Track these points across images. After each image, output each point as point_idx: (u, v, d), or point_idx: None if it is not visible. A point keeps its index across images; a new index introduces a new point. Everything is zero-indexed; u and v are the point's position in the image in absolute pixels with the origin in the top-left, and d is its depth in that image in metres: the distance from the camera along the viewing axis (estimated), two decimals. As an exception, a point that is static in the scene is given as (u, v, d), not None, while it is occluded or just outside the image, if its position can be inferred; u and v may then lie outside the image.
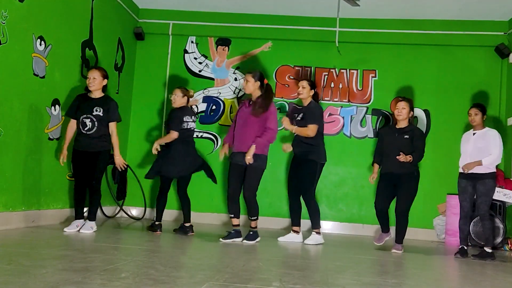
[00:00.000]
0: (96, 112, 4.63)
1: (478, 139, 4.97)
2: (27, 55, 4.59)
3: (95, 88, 4.69)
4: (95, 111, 4.63)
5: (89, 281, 2.49)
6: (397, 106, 5.04)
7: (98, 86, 4.70)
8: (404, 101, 5.05)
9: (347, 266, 3.82)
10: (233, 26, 7.02)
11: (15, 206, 4.53)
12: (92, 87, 4.68)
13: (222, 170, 6.79)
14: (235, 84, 7.03)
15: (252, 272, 3.17)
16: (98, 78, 4.68)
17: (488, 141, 4.92)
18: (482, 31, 6.63)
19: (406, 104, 5.01)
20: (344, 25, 6.78)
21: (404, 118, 5.00)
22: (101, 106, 4.66)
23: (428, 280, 3.53)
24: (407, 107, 5.00)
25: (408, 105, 5.03)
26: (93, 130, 4.62)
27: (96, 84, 4.68)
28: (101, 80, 4.71)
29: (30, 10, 4.57)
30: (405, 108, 4.98)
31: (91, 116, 4.62)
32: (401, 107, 4.99)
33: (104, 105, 4.68)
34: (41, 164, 4.91)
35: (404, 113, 4.98)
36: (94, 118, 4.62)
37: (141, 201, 6.63)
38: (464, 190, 4.98)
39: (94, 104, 4.66)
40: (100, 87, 4.73)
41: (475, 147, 4.95)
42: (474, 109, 5.03)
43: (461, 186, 5.03)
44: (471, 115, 5.03)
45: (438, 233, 6.45)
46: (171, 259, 3.46)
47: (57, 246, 3.66)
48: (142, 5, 7.08)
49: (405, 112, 4.98)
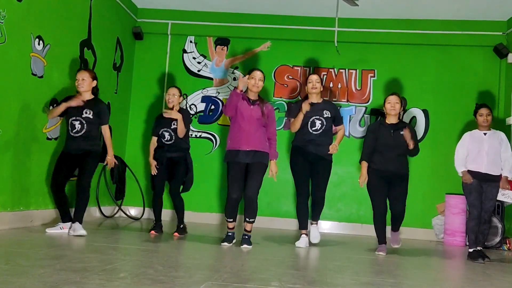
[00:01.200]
0: (86, 115, 4.54)
1: (491, 139, 4.80)
2: (26, 55, 4.58)
3: (84, 90, 4.59)
4: (84, 113, 4.54)
5: (88, 281, 2.49)
6: (389, 100, 4.87)
7: (87, 87, 4.61)
8: (395, 95, 4.93)
9: (346, 265, 3.82)
10: (232, 25, 7.01)
11: (13, 206, 4.52)
12: (81, 88, 4.58)
13: (221, 169, 6.79)
14: (234, 84, 7.02)
15: (251, 271, 3.16)
16: (87, 79, 4.60)
17: (501, 143, 4.80)
18: (481, 31, 6.63)
19: (398, 98, 4.90)
20: (343, 25, 6.78)
21: (396, 113, 4.88)
22: (91, 109, 4.57)
23: (426, 280, 3.53)
24: (399, 102, 4.89)
25: (400, 100, 4.91)
26: (82, 132, 4.52)
27: (86, 85, 4.59)
28: (90, 81, 4.63)
29: (29, 9, 4.56)
30: (397, 102, 4.86)
31: (80, 118, 4.53)
32: (394, 102, 4.85)
33: (94, 107, 4.59)
34: (39, 164, 4.90)
35: (397, 108, 4.86)
36: (83, 120, 4.52)
37: (140, 201, 6.63)
38: (476, 190, 4.74)
39: (85, 106, 4.55)
40: (90, 88, 4.64)
41: (492, 146, 4.76)
42: (487, 110, 4.85)
43: (472, 185, 4.74)
44: (483, 115, 4.83)
45: (437, 232, 6.45)
46: (169, 259, 3.45)
47: (56, 246, 3.65)
48: (141, 5, 7.07)
49: (398, 107, 4.86)
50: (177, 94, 5.16)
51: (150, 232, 5.04)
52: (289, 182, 6.61)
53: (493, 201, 4.79)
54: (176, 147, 5.12)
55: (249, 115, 4.55)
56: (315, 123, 4.93)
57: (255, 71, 4.67)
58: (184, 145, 5.18)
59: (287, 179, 6.65)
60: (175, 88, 5.23)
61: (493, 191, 4.77)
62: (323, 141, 4.94)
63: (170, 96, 5.15)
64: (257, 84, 4.60)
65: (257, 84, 4.60)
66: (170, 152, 5.10)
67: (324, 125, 4.95)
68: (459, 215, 6.03)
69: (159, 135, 5.16)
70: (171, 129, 5.09)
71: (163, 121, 5.15)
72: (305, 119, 4.92)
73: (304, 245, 4.81)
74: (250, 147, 4.53)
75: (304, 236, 4.89)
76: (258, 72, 4.66)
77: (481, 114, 4.86)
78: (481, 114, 4.86)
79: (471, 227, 4.74)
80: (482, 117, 4.84)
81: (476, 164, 4.79)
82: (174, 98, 5.13)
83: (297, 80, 6.96)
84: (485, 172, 4.75)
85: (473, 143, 4.86)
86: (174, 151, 5.11)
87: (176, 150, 5.12)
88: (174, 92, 5.16)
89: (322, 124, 4.93)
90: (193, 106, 6.99)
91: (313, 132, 4.92)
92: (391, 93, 5.00)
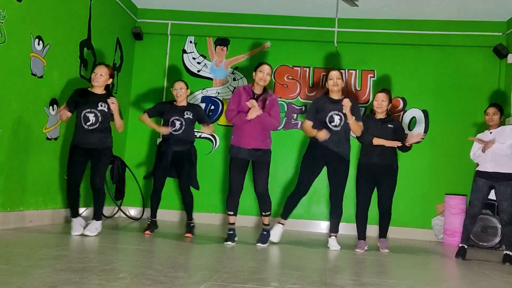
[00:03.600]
0: (101, 108, 4.50)
1: (496, 136, 4.72)
2: (25, 55, 4.58)
3: (99, 85, 4.55)
4: (100, 106, 4.49)
5: (87, 281, 2.49)
6: (377, 98, 4.89)
7: (103, 83, 4.57)
8: (383, 92, 4.91)
9: (346, 266, 3.82)
10: (231, 26, 7.02)
11: (13, 206, 4.52)
12: (96, 83, 4.53)
13: (221, 169, 6.79)
14: (234, 84, 7.02)
15: (250, 272, 3.16)
16: (104, 76, 4.56)
17: (508, 135, 4.66)
18: (481, 31, 6.64)
19: (386, 96, 4.88)
20: (342, 26, 6.79)
21: (383, 111, 4.90)
22: (106, 102, 4.52)
23: (426, 280, 3.53)
24: (386, 100, 4.88)
25: (388, 98, 4.90)
26: (96, 125, 4.47)
27: (101, 81, 4.55)
28: (106, 78, 4.58)
29: (28, 9, 4.56)
30: (384, 100, 4.86)
31: (96, 110, 4.47)
32: (380, 100, 4.85)
33: (107, 103, 4.53)
34: (39, 164, 4.90)
35: (384, 106, 4.86)
36: (98, 113, 4.48)
37: (139, 201, 6.63)
38: (479, 190, 4.73)
39: (99, 99, 4.52)
40: (104, 84, 4.59)
41: (497, 143, 4.66)
42: (493, 108, 4.80)
43: (477, 185, 4.74)
44: (489, 114, 4.80)
45: (436, 233, 6.45)
46: (169, 259, 3.45)
47: (55, 246, 3.65)
48: (141, 5, 7.07)
49: (384, 105, 4.87)
50: (184, 87, 5.11)
51: (145, 233, 4.99)
52: (288, 183, 6.61)
53: (508, 201, 4.59)
54: (182, 140, 5.03)
55: (246, 110, 4.58)
56: (334, 118, 4.74)
57: (263, 65, 4.70)
58: (190, 138, 5.13)
59: (285, 179, 6.67)
60: (181, 81, 5.16)
61: (507, 190, 4.60)
62: (341, 139, 4.74)
63: (178, 90, 5.07)
64: (264, 78, 4.64)
65: (265, 78, 4.64)
66: (176, 146, 5.01)
67: (343, 121, 4.72)
68: (459, 216, 6.02)
69: (169, 123, 5.04)
70: (184, 119, 5.01)
71: (173, 110, 5.06)
72: (322, 114, 4.76)
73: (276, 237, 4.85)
74: (250, 145, 4.57)
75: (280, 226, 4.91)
76: (266, 66, 4.68)
77: (487, 114, 4.85)
78: (487, 114, 4.85)
79: (464, 223, 4.85)
80: (488, 116, 4.83)
81: (484, 164, 4.75)
82: (182, 92, 5.07)
83: (296, 81, 6.96)
84: (493, 171, 4.68)
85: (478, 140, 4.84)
86: (181, 144, 5.02)
87: (182, 143, 5.03)
88: (182, 86, 5.10)
89: (341, 120, 4.73)
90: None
91: (333, 128, 4.73)
92: (380, 90, 4.99)
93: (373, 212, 5.09)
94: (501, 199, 4.64)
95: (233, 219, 4.75)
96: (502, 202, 4.64)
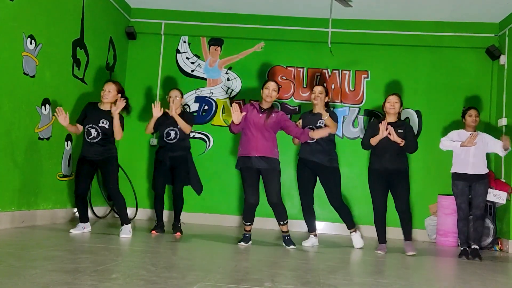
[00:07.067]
0: (102, 124, 4.67)
1: (479, 141, 4.99)
2: (17, 54, 4.55)
3: (108, 101, 4.74)
4: (101, 122, 4.68)
5: (80, 282, 2.47)
6: (389, 100, 5.02)
7: (111, 99, 4.75)
8: (395, 95, 5.08)
9: (339, 266, 3.83)
10: (225, 26, 7.01)
11: (5, 206, 4.49)
12: (105, 99, 4.73)
13: (215, 169, 6.77)
14: (228, 84, 7.01)
15: (244, 272, 3.16)
16: (112, 92, 4.74)
17: (486, 141, 5.05)
18: (473, 33, 6.68)
19: (398, 98, 5.04)
20: (336, 26, 6.79)
21: (396, 112, 5.02)
22: (108, 119, 4.69)
23: (419, 280, 3.54)
24: (399, 102, 5.03)
25: (400, 100, 5.05)
26: (97, 139, 4.67)
27: (110, 97, 4.73)
28: (115, 94, 4.75)
29: (21, 8, 4.53)
30: (397, 102, 5.00)
31: (97, 126, 4.67)
32: (393, 101, 5.00)
33: (111, 118, 4.69)
34: (31, 164, 4.86)
35: (397, 107, 5.00)
36: (99, 129, 4.66)
37: (133, 202, 6.60)
38: (462, 192, 5.00)
39: (102, 116, 4.70)
40: (113, 100, 4.75)
41: (477, 147, 4.97)
42: (476, 111, 5.13)
43: (458, 188, 5.04)
44: (472, 115, 5.10)
45: (429, 233, 6.48)
46: (162, 259, 3.44)
47: (48, 247, 3.62)
48: (134, 4, 7.04)
49: (397, 106, 5.00)
50: (179, 95, 5.26)
51: (151, 232, 5.16)
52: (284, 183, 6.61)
53: (481, 197, 4.97)
54: (178, 146, 5.22)
55: (258, 122, 4.71)
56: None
57: (269, 81, 4.87)
58: (186, 144, 5.32)
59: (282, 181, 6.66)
60: (176, 90, 5.32)
61: (481, 188, 4.98)
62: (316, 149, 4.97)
63: (173, 98, 5.21)
64: (270, 94, 4.79)
65: (271, 94, 4.79)
66: (172, 152, 5.20)
67: None
68: (452, 216, 6.05)
69: (164, 133, 5.23)
70: (178, 128, 5.20)
71: (167, 121, 5.21)
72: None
73: (311, 245, 5.05)
74: (259, 153, 4.68)
75: (313, 237, 5.12)
76: (272, 83, 4.85)
77: (470, 115, 5.12)
78: (470, 115, 5.12)
79: (459, 228, 5.07)
80: (471, 117, 5.11)
81: (463, 166, 5.02)
82: (177, 100, 5.21)
83: (290, 81, 6.96)
84: (472, 173, 4.99)
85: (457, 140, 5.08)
86: (177, 150, 5.21)
87: (178, 149, 5.22)
88: (177, 94, 5.25)
89: None
90: (187, 106, 6.97)
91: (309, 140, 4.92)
92: (392, 93, 5.15)
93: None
94: (475, 195, 4.99)
95: (249, 228, 4.86)
96: (476, 198, 4.99)
